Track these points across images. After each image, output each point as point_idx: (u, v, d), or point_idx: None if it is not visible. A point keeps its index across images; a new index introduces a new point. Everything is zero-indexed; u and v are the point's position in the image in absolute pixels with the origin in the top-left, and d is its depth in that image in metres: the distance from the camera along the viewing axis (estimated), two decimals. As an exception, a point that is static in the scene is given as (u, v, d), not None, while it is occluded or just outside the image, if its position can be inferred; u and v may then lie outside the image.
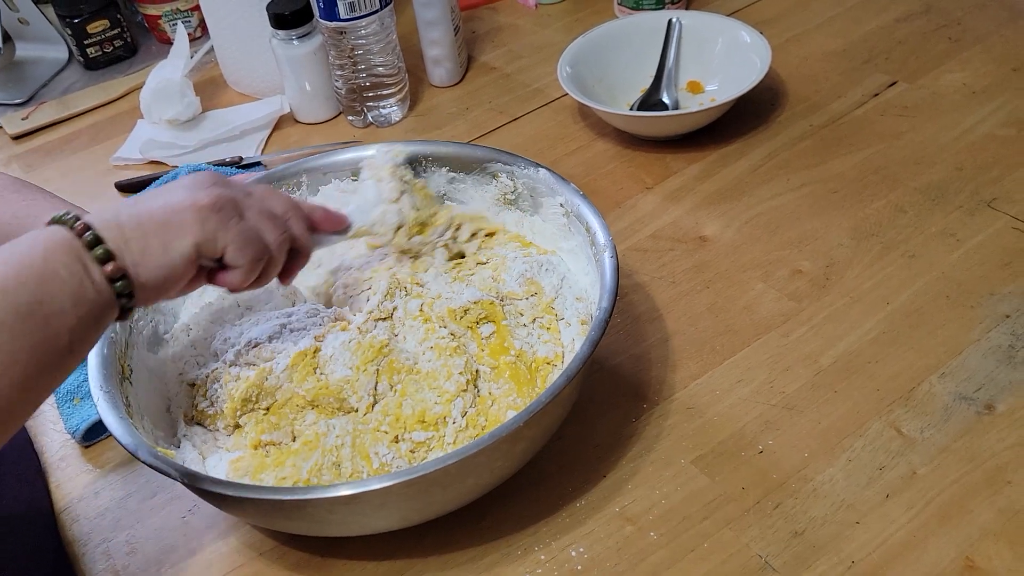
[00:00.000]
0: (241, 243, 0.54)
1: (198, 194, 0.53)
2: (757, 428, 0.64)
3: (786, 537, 0.57)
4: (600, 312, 0.58)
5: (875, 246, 0.76)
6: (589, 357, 0.56)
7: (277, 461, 0.60)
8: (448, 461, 0.51)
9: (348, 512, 0.54)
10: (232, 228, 0.54)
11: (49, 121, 1.09)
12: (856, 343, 0.68)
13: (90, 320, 0.49)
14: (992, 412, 0.62)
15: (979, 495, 0.58)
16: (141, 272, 0.51)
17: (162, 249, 0.52)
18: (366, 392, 0.61)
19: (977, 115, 0.86)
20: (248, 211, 0.56)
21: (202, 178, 0.55)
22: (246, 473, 0.59)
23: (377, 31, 0.93)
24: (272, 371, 0.62)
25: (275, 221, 0.57)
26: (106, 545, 0.64)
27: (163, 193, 0.54)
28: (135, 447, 0.55)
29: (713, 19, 0.96)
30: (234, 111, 1.04)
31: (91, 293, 0.49)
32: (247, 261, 0.55)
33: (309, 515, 0.55)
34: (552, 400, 0.54)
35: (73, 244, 0.49)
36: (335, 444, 0.59)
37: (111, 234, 0.50)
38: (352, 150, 0.76)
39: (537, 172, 0.70)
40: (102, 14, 1.13)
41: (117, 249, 0.50)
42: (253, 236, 0.55)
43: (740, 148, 0.88)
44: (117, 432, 0.56)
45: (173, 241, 0.52)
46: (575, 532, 0.60)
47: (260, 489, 0.55)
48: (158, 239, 0.52)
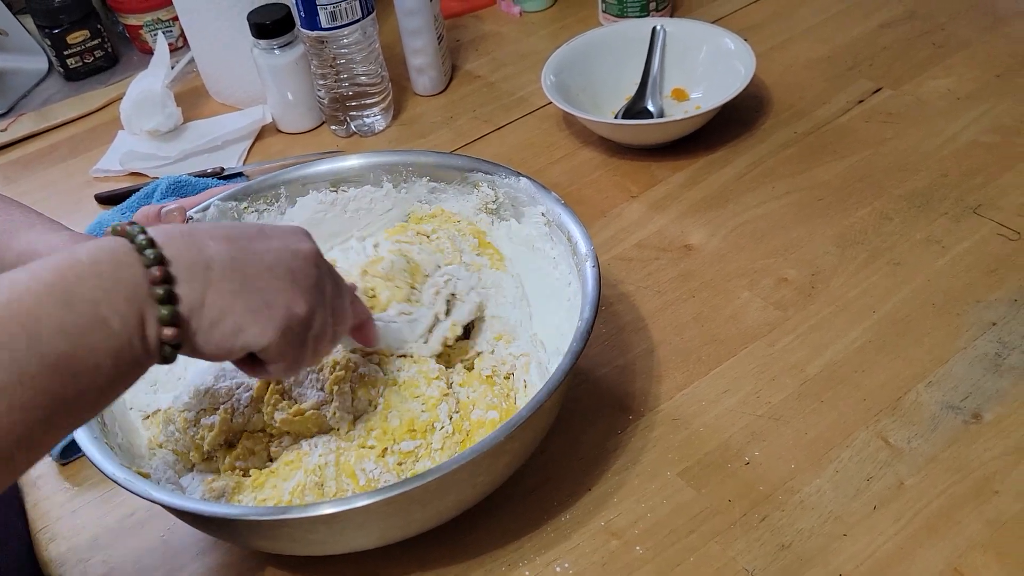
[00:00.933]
0: (295, 365, 0.51)
1: (297, 299, 0.48)
2: (743, 439, 0.63)
3: (773, 550, 0.57)
4: (582, 323, 0.57)
5: (860, 254, 0.75)
6: (571, 369, 0.55)
7: (256, 483, 0.59)
8: (428, 478, 0.50)
9: (329, 532, 0.53)
10: (298, 351, 0.50)
11: (28, 133, 1.08)
12: (842, 352, 0.68)
13: (127, 376, 0.43)
14: (979, 421, 0.62)
15: (967, 506, 0.57)
16: (199, 342, 0.45)
17: (233, 332, 0.46)
18: (345, 411, 0.60)
19: (962, 121, 0.86)
20: (321, 325, 0.51)
21: (312, 268, 0.50)
22: (223, 495, 0.58)
23: (359, 40, 0.93)
24: (235, 409, 0.61)
25: (331, 343, 0.54)
26: (83, 566, 0.63)
27: (270, 272, 0.48)
28: (110, 470, 0.54)
29: (697, 26, 0.96)
30: (216, 121, 1.04)
31: (138, 349, 0.42)
32: (285, 374, 0.53)
33: (288, 535, 0.54)
34: (534, 413, 0.53)
35: (139, 289, 0.42)
36: (318, 464, 0.58)
37: (191, 292, 0.44)
38: (330, 161, 0.75)
39: (518, 181, 0.70)
40: (82, 24, 1.12)
41: (187, 313, 0.44)
42: (306, 359, 0.52)
43: (725, 156, 0.88)
44: (91, 454, 0.55)
45: (248, 331, 0.46)
46: (560, 547, 0.59)
47: (238, 510, 0.53)
48: (235, 321, 0.46)
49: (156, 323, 0.43)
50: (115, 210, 0.90)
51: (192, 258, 0.45)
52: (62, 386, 0.39)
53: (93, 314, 0.41)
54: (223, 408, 0.61)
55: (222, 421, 0.60)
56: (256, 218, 0.74)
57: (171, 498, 0.53)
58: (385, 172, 0.74)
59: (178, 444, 0.61)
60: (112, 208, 0.91)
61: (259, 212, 0.73)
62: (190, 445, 0.61)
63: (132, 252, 0.43)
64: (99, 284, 0.41)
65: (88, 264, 0.42)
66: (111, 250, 0.43)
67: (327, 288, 0.52)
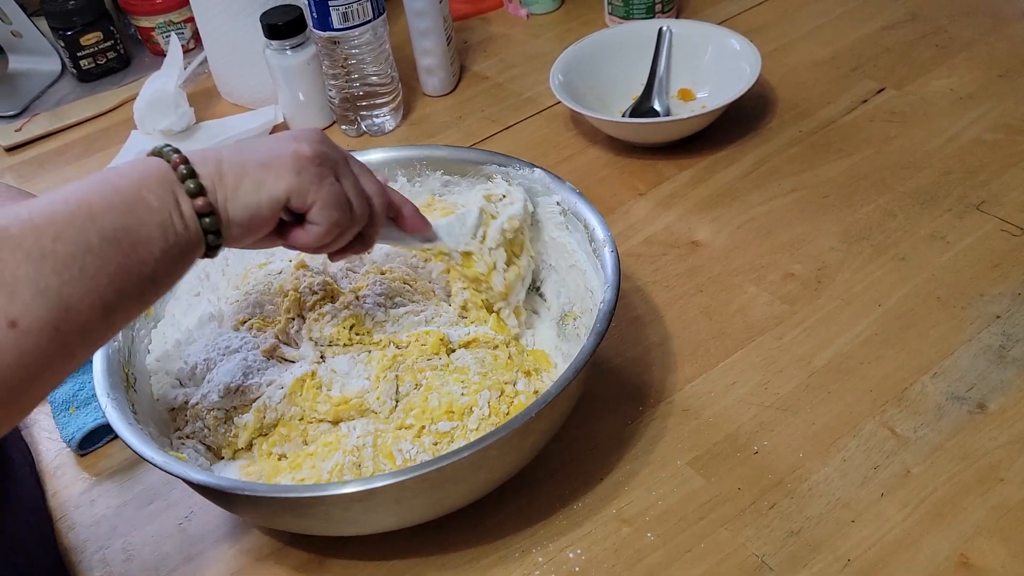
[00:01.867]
0: (330, 202, 0.54)
1: (302, 145, 0.54)
2: (752, 429, 0.64)
3: (782, 536, 0.58)
4: (604, 304, 0.59)
5: (866, 249, 0.76)
6: (595, 349, 0.56)
7: (293, 464, 0.60)
8: (462, 455, 0.51)
9: (363, 509, 0.54)
10: (325, 186, 0.54)
11: (42, 133, 1.09)
12: (848, 345, 0.69)
13: (176, 252, 0.49)
14: (984, 411, 0.63)
15: (972, 493, 0.58)
16: (230, 209, 0.51)
17: (255, 188, 0.52)
18: (388, 396, 0.61)
19: (964, 120, 0.88)
20: (344, 177, 0.56)
21: (309, 132, 0.56)
22: (260, 478, 0.59)
23: (370, 40, 0.94)
24: (267, 406, 0.62)
25: (363, 197, 0.57)
26: (103, 552, 0.64)
27: (269, 139, 0.55)
28: (148, 452, 0.55)
29: (703, 27, 0.97)
30: (228, 121, 1.05)
31: (179, 225, 0.49)
32: (328, 222, 0.55)
33: (323, 513, 0.55)
34: (561, 393, 0.54)
35: (167, 175, 0.49)
36: (356, 444, 0.59)
37: (207, 169, 0.50)
38: None
39: (532, 172, 0.71)
40: (95, 26, 1.14)
41: (210, 184, 0.50)
42: (342, 200, 0.55)
43: (731, 154, 0.89)
44: (128, 438, 0.56)
45: (267, 182, 0.52)
46: (572, 534, 0.60)
47: (278, 489, 0.54)
48: (253, 178, 0.52)
49: (187, 197, 0.49)
50: (129, 207, 0.91)
51: (204, 152, 0.52)
52: (123, 255, 0.46)
53: (135, 195, 0.48)
54: (255, 408, 0.62)
55: (255, 419, 0.61)
56: None
57: (212, 479, 0.54)
58: (400, 167, 0.75)
59: (207, 440, 0.62)
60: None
61: None
62: (222, 442, 0.62)
63: (156, 157, 0.51)
64: (134, 175, 0.49)
65: (124, 167, 0.49)
66: (140, 159, 0.51)
67: (336, 149, 0.56)
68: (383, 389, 0.61)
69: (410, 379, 0.62)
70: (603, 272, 0.62)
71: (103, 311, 0.46)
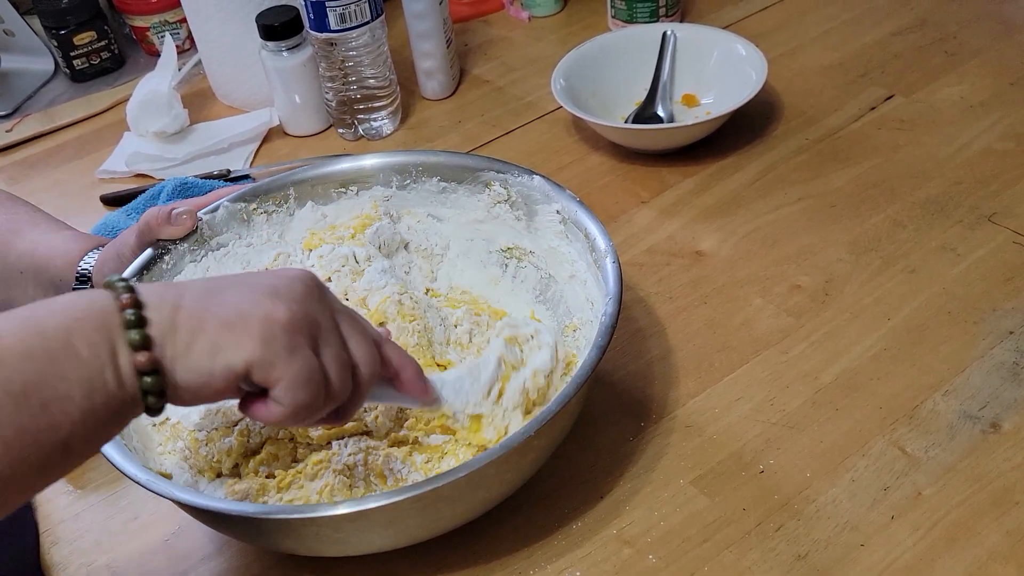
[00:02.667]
0: (299, 381, 0.45)
1: (277, 305, 0.44)
2: (758, 447, 0.62)
3: (789, 560, 0.56)
4: (606, 318, 0.57)
5: (874, 261, 0.75)
6: (597, 364, 0.54)
7: (282, 484, 0.58)
8: (458, 474, 0.50)
9: (355, 530, 0.52)
10: (297, 360, 0.44)
11: (34, 133, 1.07)
12: (857, 360, 0.67)
13: (102, 415, 0.41)
14: (998, 431, 0.61)
15: (986, 516, 0.56)
16: (178, 370, 0.42)
17: (209, 352, 0.43)
18: (387, 418, 0.59)
19: (975, 129, 0.86)
20: (326, 345, 0.46)
21: (297, 283, 0.46)
22: (246, 496, 0.57)
23: (368, 43, 0.92)
24: (252, 430, 0.60)
25: (347, 372, 0.47)
26: (86, 569, 0.62)
27: (246, 287, 0.45)
28: (131, 469, 0.53)
29: (708, 32, 0.95)
30: (222, 124, 1.03)
31: (111, 383, 0.41)
32: (295, 404, 0.45)
33: (312, 535, 0.53)
34: (562, 409, 0.52)
35: (108, 318, 0.41)
36: (347, 463, 0.57)
37: (160, 315, 0.42)
38: (340, 161, 0.74)
39: (532, 180, 0.69)
40: (89, 26, 1.12)
41: (159, 336, 0.42)
42: (315, 378, 0.45)
43: (736, 162, 0.87)
44: (110, 453, 0.54)
45: (225, 348, 0.43)
46: (571, 555, 0.58)
47: (267, 510, 0.52)
48: (210, 339, 0.43)
49: (128, 350, 0.41)
50: (120, 211, 0.89)
51: (163, 289, 0.44)
52: (30, 416, 0.38)
53: (62, 340, 0.40)
54: (238, 430, 0.59)
55: (239, 444, 0.59)
56: (265, 219, 0.73)
57: (198, 499, 0.52)
58: (395, 172, 0.73)
59: (188, 461, 0.60)
60: (117, 209, 0.91)
61: (268, 213, 0.73)
62: (204, 465, 0.60)
63: (105, 290, 0.43)
64: (70, 314, 0.41)
65: (62, 301, 0.42)
66: (87, 293, 0.43)
67: (324, 306, 0.47)
68: (382, 409, 0.59)
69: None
70: (604, 283, 0.60)
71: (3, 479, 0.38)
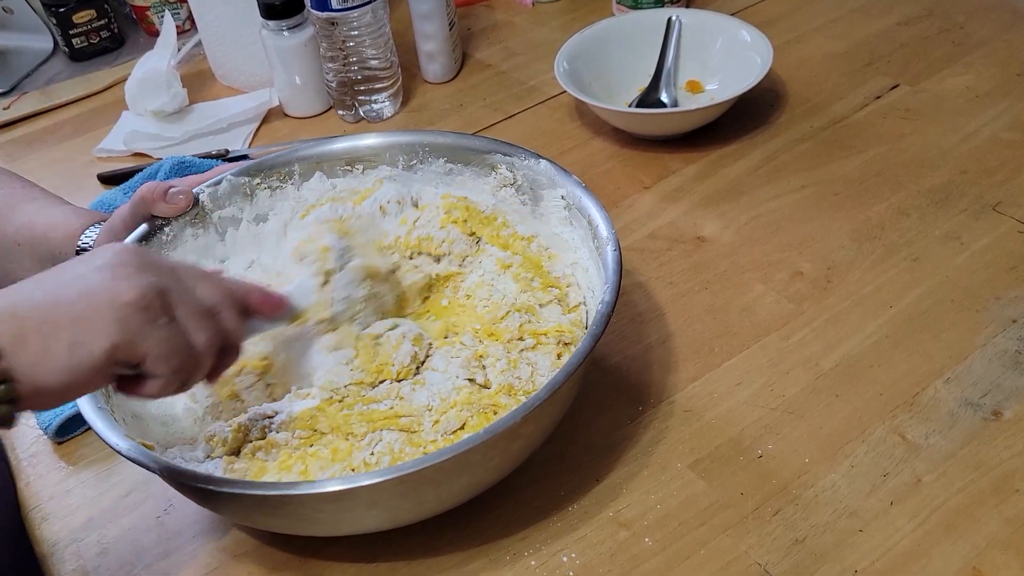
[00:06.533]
0: (166, 351, 0.45)
1: (120, 285, 0.44)
2: (756, 432, 0.61)
3: (786, 545, 0.55)
4: (602, 306, 0.56)
5: (877, 249, 0.74)
6: (590, 352, 0.54)
7: (284, 464, 0.56)
8: (441, 458, 0.49)
9: (336, 510, 0.51)
10: (157, 332, 0.45)
11: (32, 111, 1.06)
12: (858, 347, 0.66)
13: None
14: (999, 418, 0.60)
15: (986, 504, 0.56)
16: (39, 376, 0.42)
17: (68, 350, 0.43)
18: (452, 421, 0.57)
19: (981, 119, 0.85)
20: (178, 307, 0.47)
21: (125, 260, 0.46)
22: (245, 474, 0.55)
23: (370, 23, 0.91)
24: (251, 425, 0.58)
25: (206, 318, 0.48)
26: (76, 545, 0.61)
27: (77, 277, 0.45)
28: (113, 438, 0.52)
29: (713, 18, 0.94)
30: (222, 104, 1.02)
31: None
32: (169, 371, 0.46)
33: (294, 513, 0.52)
34: (551, 396, 0.51)
35: None
36: (364, 460, 0.55)
37: (5, 327, 0.42)
38: (345, 139, 0.73)
39: (538, 164, 0.68)
40: (89, 4, 1.11)
41: (9, 346, 0.42)
42: (180, 342, 0.46)
43: (739, 149, 0.86)
44: (95, 422, 0.53)
45: (84, 341, 0.43)
46: (567, 537, 0.57)
47: (244, 484, 0.52)
48: (64, 338, 0.42)
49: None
50: (117, 190, 0.88)
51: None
52: None
53: None
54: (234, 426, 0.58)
55: (233, 438, 0.57)
56: (269, 194, 0.72)
57: (176, 468, 0.51)
58: (401, 152, 0.72)
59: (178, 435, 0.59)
60: (114, 188, 0.90)
61: (272, 188, 0.72)
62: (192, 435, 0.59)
63: None
64: None
65: None
66: None
67: (161, 268, 0.48)
68: (452, 416, 0.57)
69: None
70: (604, 271, 0.59)
71: None
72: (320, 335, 0.61)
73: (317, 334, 0.61)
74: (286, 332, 0.60)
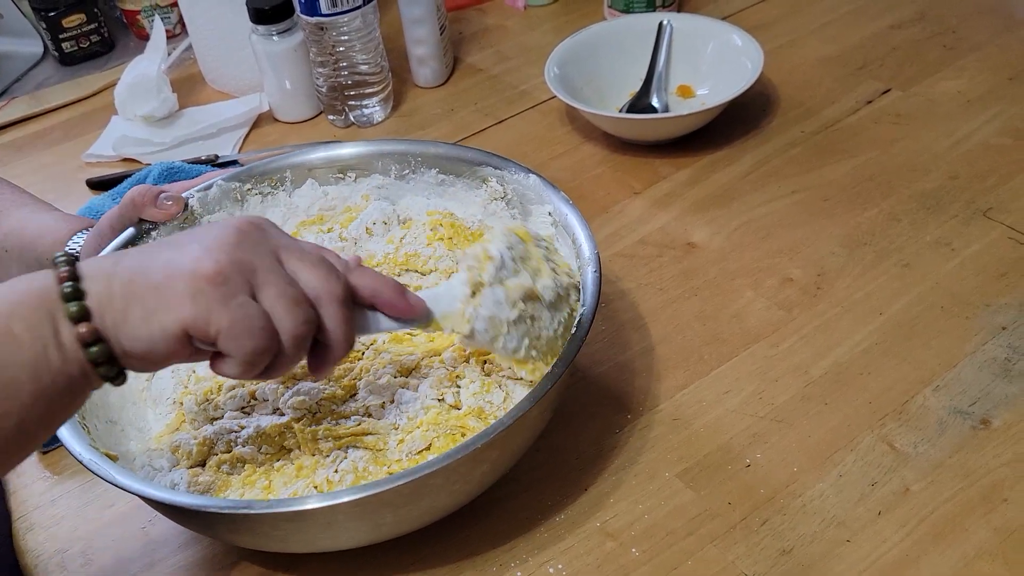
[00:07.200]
0: (240, 331, 0.43)
1: (203, 258, 0.43)
2: (744, 441, 0.61)
3: (774, 555, 0.55)
4: (577, 329, 0.55)
5: (868, 255, 0.73)
6: (562, 376, 0.53)
7: (248, 480, 0.55)
8: (399, 481, 0.48)
9: (293, 530, 0.50)
10: (231, 309, 0.42)
11: (21, 116, 1.06)
12: (847, 354, 0.66)
13: (54, 393, 0.41)
14: (988, 427, 0.60)
15: (975, 513, 0.55)
16: (122, 339, 0.42)
17: (143, 319, 0.42)
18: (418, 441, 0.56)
19: (972, 124, 0.85)
20: (265, 286, 0.44)
21: (230, 231, 0.45)
22: (208, 489, 0.55)
23: (360, 28, 0.91)
24: (216, 439, 0.57)
25: (299, 305, 0.45)
26: (61, 556, 0.61)
27: (173, 246, 0.44)
28: (77, 449, 0.52)
29: (705, 22, 0.94)
30: (212, 108, 1.02)
31: (55, 360, 0.40)
32: (243, 353, 0.43)
33: (252, 530, 0.51)
34: (517, 421, 0.50)
35: (47, 294, 0.41)
36: (327, 478, 0.54)
37: (97, 286, 0.42)
38: (336, 147, 0.73)
39: (528, 178, 0.67)
40: (79, 8, 1.10)
41: (98, 307, 0.41)
42: (256, 324, 0.43)
43: (730, 154, 0.86)
44: (60, 430, 0.52)
45: (157, 312, 0.42)
46: (553, 548, 0.57)
47: (200, 500, 0.51)
48: (141, 306, 0.42)
49: (68, 323, 0.41)
50: (106, 195, 0.88)
51: (102, 259, 0.44)
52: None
53: (2, 329, 0.40)
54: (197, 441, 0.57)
55: (198, 451, 0.57)
56: (260, 200, 0.71)
57: (131, 482, 0.50)
58: (393, 161, 0.72)
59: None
60: (103, 193, 0.89)
61: (263, 194, 0.71)
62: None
63: (45, 271, 0.42)
64: (9, 299, 0.41)
65: (3, 288, 0.42)
66: (28, 275, 0.42)
67: (262, 248, 0.45)
68: (418, 435, 0.56)
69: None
70: (582, 292, 0.58)
71: None
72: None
73: (469, 346, 0.57)
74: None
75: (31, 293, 0.41)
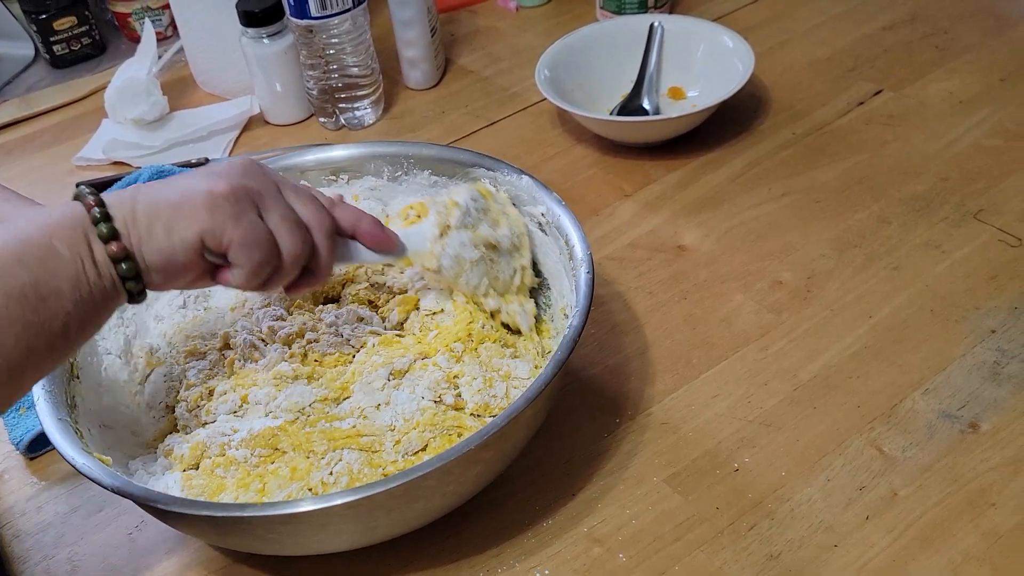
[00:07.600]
0: (248, 242, 0.50)
1: (219, 181, 0.50)
2: (733, 445, 0.61)
3: (761, 560, 0.55)
4: (570, 331, 0.55)
5: (858, 257, 0.73)
6: (554, 378, 0.53)
7: (241, 482, 0.55)
8: (392, 484, 0.48)
9: (287, 532, 0.50)
10: (243, 223, 0.50)
11: (11, 119, 1.05)
12: (837, 358, 0.66)
13: (91, 303, 0.47)
14: (976, 431, 0.60)
15: (962, 518, 0.55)
16: (146, 253, 0.48)
17: (165, 232, 0.48)
18: (413, 443, 0.56)
19: (964, 125, 0.84)
20: (270, 210, 0.51)
21: (236, 165, 0.52)
22: (202, 493, 0.55)
23: (350, 30, 0.91)
24: (207, 444, 0.57)
25: (298, 230, 0.52)
26: (47, 563, 0.61)
27: (187, 177, 0.51)
28: (69, 451, 0.52)
29: (696, 24, 0.94)
30: (202, 111, 1.01)
31: (92, 274, 0.47)
32: (250, 263, 0.51)
33: (244, 532, 0.51)
34: (510, 422, 0.50)
35: (80, 219, 0.47)
36: (323, 480, 0.54)
37: (121, 211, 0.48)
38: (329, 149, 0.72)
39: (520, 179, 0.67)
40: (70, 11, 1.10)
41: (123, 227, 0.48)
42: (263, 238, 0.51)
43: (721, 156, 0.86)
44: (53, 435, 0.53)
45: (178, 224, 0.49)
46: (541, 553, 0.57)
47: (194, 504, 0.51)
48: (164, 220, 0.48)
49: (100, 243, 0.47)
50: (96, 199, 0.88)
51: (122, 191, 0.50)
52: (32, 311, 0.44)
53: (45, 245, 0.45)
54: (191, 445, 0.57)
55: (190, 455, 0.57)
56: None
57: (126, 484, 0.50)
58: (385, 163, 0.72)
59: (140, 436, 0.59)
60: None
61: None
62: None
63: (73, 200, 0.48)
64: (48, 222, 0.47)
65: (39, 214, 0.48)
66: (59, 204, 0.49)
67: (266, 180, 0.52)
68: (414, 436, 0.56)
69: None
70: (576, 294, 0.58)
71: (8, 372, 0.44)
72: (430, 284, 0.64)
73: (435, 281, 0.63)
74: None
75: (66, 216, 0.47)
